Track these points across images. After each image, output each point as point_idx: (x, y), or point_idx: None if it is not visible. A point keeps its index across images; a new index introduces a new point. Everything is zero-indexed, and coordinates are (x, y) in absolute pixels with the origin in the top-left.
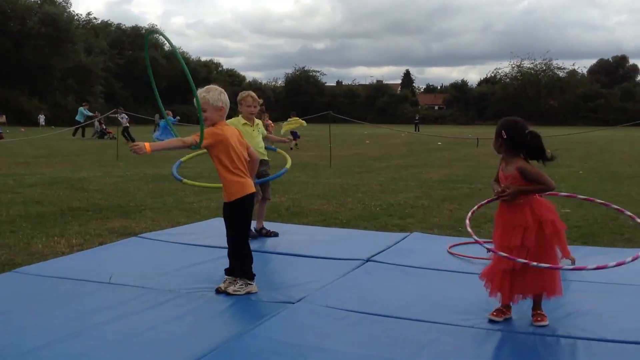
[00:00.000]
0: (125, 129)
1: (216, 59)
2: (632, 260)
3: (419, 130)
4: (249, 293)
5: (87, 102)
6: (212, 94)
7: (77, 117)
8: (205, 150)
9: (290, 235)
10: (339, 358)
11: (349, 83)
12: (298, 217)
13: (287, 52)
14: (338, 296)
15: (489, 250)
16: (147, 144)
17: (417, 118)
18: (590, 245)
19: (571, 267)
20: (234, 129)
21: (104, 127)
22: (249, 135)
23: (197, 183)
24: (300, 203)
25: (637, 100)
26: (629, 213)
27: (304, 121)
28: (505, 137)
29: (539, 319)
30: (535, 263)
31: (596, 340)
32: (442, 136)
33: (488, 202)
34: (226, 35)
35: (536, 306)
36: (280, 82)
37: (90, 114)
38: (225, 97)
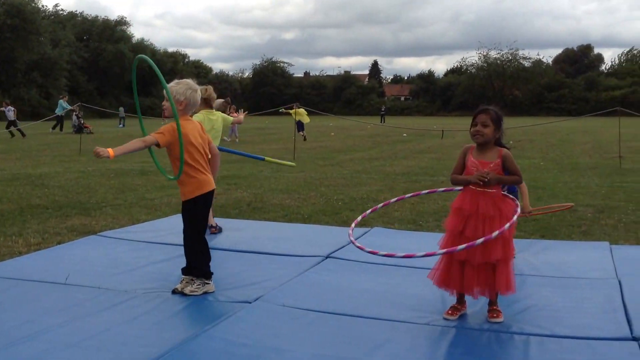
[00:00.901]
0: (11, 123)
1: (184, 50)
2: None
3: (384, 122)
4: (206, 293)
5: (64, 95)
6: (180, 87)
7: (57, 111)
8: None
9: (251, 232)
10: (293, 357)
11: (317, 74)
12: (260, 212)
13: (256, 43)
14: (295, 295)
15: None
16: (110, 150)
17: (383, 109)
18: (548, 238)
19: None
20: (195, 123)
21: (82, 121)
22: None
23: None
24: (262, 198)
25: (600, 90)
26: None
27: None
28: (502, 127)
29: (494, 315)
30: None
31: (549, 336)
32: (407, 128)
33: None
34: (195, 26)
35: (492, 302)
36: (247, 74)
37: (70, 107)
38: (192, 94)
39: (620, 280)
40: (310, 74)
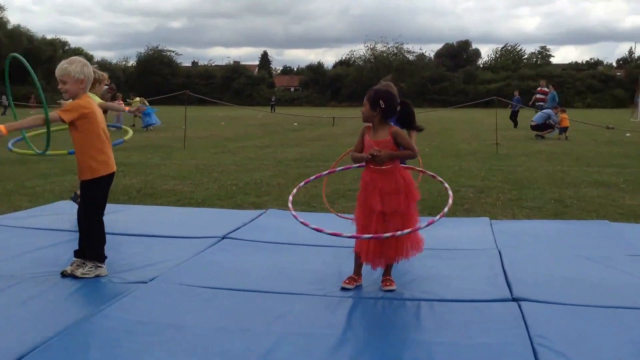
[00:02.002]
0: None
1: (64, 38)
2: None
3: (274, 112)
4: (98, 276)
5: None
6: (75, 66)
7: None
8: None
9: (143, 216)
10: (194, 333)
11: (205, 64)
12: (151, 198)
13: (141, 31)
14: (193, 274)
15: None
16: (2, 126)
17: (273, 100)
18: (434, 216)
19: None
20: (96, 103)
21: None
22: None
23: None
24: (152, 184)
25: (478, 83)
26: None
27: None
28: (383, 106)
29: (387, 284)
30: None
31: (437, 300)
32: (298, 116)
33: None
34: (76, 12)
35: (387, 272)
36: (132, 62)
37: None
38: (88, 69)
39: (500, 251)
40: (199, 64)
